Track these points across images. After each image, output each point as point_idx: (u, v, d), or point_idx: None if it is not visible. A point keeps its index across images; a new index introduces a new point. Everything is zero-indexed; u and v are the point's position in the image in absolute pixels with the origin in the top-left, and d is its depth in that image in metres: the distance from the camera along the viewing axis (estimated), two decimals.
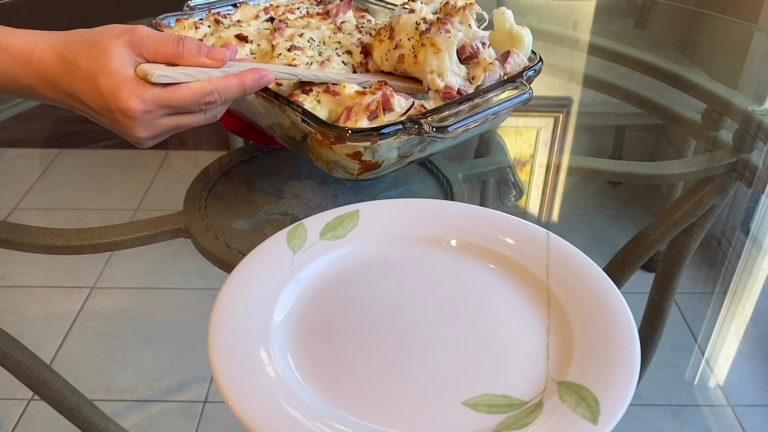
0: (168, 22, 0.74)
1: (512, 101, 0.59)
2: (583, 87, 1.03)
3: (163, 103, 0.51)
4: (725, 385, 0.60)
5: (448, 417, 0.38)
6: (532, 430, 0.36)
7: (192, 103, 0.51)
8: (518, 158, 0.81)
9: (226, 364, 0.40)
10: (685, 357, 0.57)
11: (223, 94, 0.52)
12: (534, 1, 1.45)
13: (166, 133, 0.54)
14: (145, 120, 0.51)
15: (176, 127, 0.54)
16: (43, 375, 0.70)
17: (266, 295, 0.46)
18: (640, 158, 1.01)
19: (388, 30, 0.63)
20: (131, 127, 0.51)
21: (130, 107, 0.49)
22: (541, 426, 0.36)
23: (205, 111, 0.54)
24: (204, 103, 0.52)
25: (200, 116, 0.54)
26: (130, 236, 0.60)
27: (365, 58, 0.65)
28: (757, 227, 0.73)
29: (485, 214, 0.54)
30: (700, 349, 0.58)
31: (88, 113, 0.53)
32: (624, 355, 0.40)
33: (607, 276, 0.47)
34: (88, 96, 0.50)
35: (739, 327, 0.63)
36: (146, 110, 0.50)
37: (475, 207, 0.55)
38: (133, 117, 0.50)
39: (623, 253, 0.68)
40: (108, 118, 0.51)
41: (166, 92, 0.50)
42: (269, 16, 0.74)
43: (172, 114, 0.52)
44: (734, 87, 0.95)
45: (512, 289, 0.48)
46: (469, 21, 0.60)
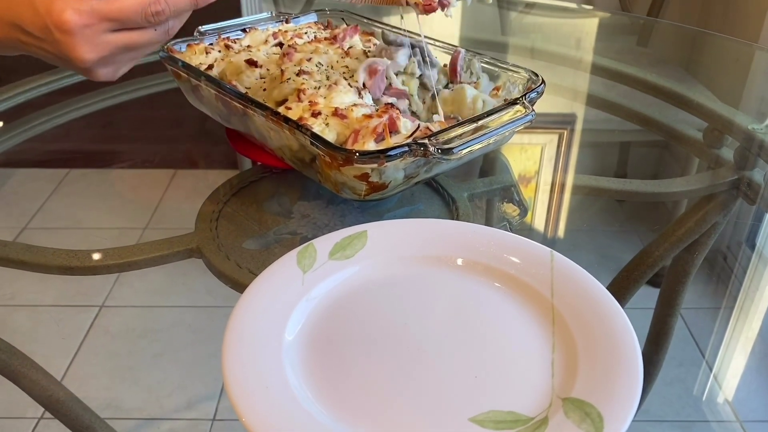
0: (179, 47, 0.75)
1: (515, 123, 0.60)
2: (586, 106, 1.05)
3: (103, 15, 0.46)
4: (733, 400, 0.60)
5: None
6: None
7: (136, 14, 0.46)
8: (523, 175, 0.82)
9: (240, 381, 0.41)
10: (693, 372, 0.57)
11: (172, 3, 0.47)
12: (537, 20, 1.47)
13: (116, 54, 0.49)
14: (86, 36, 0.46)
15: (125, 46, 0.48)
16: (57, 393, 0.71)
17: (278, 314, 0.47)
18: (645, 175, 1.02)
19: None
20: (72, 46, 0.46)
21: (65, 19, 0.45)
22: None
23: (154, 26, 0.48)
24: (151, 14, 0.46)
25: (150, 32, 0.49)
26: (144, 257, 0.62)
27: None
28: (763, 243, 0.74)
29: (490, 234, 0.55)
30: (707, 364, 0.58)
31: (32, 45, 0.48)
32: (627, 371, 0.41)
33: (611, 294, 0.48)
34: (26, 20, 0.46)
35: (746, 342, 0.63)
36: (85, 24, 0.45)
37: (480, 226, 0.56)
38: (70, 32, 0.45)
39: (627, 270, 0.69)
40: (49, 43, 0.46)
41: (105, 2, 0.45)
42: (278, 41, 0.76)
43: (118, 30, 0.47)
44: (736, 105, 0.96)
45: (518, 307, 0.49)
46: None
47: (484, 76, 0.72)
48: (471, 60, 0.73)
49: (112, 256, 0.62)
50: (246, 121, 0.66)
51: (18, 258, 0.63)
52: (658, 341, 0.74)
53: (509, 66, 0.71)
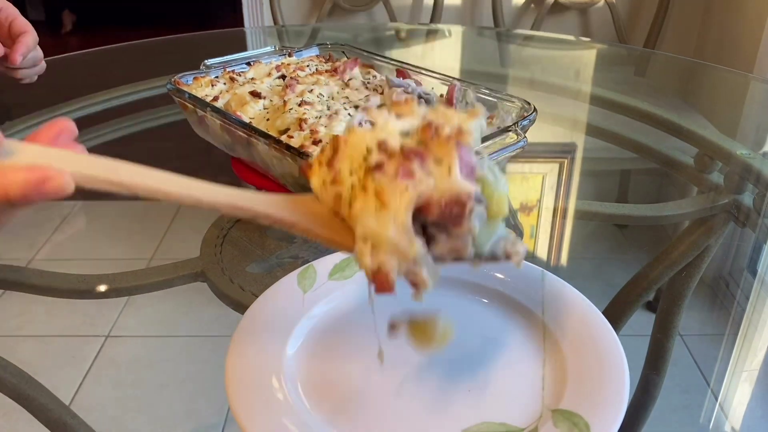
0: (186, 80, 0.78)
1: (508, 149, 0.62)
2: (585, 135, 1.07)
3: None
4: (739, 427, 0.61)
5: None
6: None
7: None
8: (525, 203, 0.84)
9: (242, 395, 0.43)
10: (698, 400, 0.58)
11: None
12: (536, 52, 1.50)
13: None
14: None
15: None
16: (64, 417, 0.72)
17: (279, 330, 0.48)
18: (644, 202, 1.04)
19: (332, 148, 0.41)
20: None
21: None
22: None
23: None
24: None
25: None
26: (150, 281, 0.64)
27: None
28: (765, 269, 0.75)
29: None
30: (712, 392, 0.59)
31: None
32: (614, 383, 0.42)
33: (606, 317, 0.49)
34: None
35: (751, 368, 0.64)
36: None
37: None
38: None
39: (623, 293, 0.70)
40: None
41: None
42: (281, 73, 0.79)
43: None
44: (733, 133, 0.99)
45: (510, 324, 0.50)
46: (453, 163, 0.37)
47: (479, 105, 0.75)
48: (466, 90, 0.75)
49: (120, 280, 0.64)
50: (250, 150, 0.69)
51: (30, 282, 0.65)
52: (656, 365, 0.74)
53: (503, 96, 0.74)
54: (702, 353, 0.69)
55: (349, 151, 0.39)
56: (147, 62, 1.31)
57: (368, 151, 0.38)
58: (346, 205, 0.39)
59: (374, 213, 0.36)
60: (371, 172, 0.37)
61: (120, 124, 1.02)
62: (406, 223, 0.36)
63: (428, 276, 0.37)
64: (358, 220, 0.37)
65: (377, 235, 0.36)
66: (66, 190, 0.35)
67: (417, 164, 0.37)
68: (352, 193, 0.38)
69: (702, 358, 0.67)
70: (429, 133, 0.38)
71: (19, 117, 1.01)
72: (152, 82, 1.11)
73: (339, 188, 0.39)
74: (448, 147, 0.37)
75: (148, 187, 0.37)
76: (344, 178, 0.39)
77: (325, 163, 0.40)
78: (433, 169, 0.37)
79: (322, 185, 0.40)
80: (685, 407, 0.57)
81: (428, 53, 1.43)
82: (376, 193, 0.36)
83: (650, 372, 0.66)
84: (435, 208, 0.37)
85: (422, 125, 0.39)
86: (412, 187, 0.36)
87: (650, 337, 0.74)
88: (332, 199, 0.40)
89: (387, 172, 0.37)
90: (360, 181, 0.38)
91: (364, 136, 0.39)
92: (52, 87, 1.17)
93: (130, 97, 1.11)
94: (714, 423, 0.56)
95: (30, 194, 0.34)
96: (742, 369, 0.62)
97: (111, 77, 1.21)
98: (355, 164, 0.39)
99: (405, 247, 0.36)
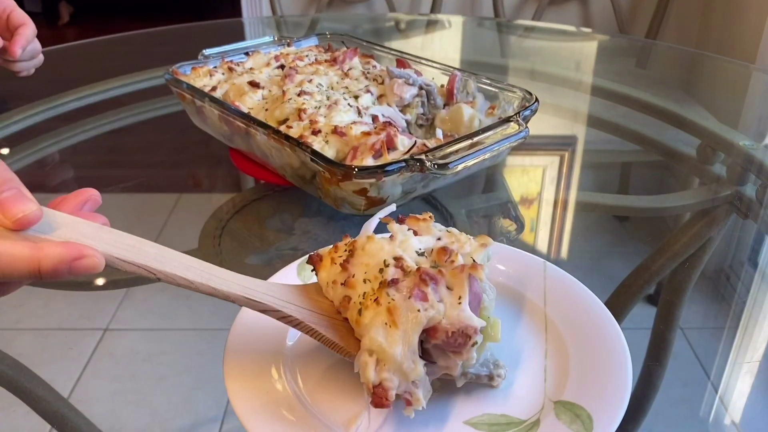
0: (184, 70, 0.78)
1: (509, 139, 0.62)
2: (586, 126, 1.06)
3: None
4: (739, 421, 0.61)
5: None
6: None
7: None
8: (525, 196, 0.83)
9: (241, 386, 0.42)
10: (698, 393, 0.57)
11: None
12: (537, 43, 1.49)
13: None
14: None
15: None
16: (62, 410, 0.72)
17: (277, 323, 0.48)
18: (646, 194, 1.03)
19: (347, 251, 0.44)
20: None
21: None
22: None
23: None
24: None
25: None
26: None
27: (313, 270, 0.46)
28: (766, 262, 0.75)
29: None
30: (712, 385, 0.59)
31: None
32: (617, 374, 0.42)
33: (603, 303, 0.49)
34: None
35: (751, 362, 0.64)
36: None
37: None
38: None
39: (625, 285, 0.70)
40: None
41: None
42: (280, 63, 0.79)
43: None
44: (735, 124, 0.98)
45: (512, 316, 0.50)
46: (464, 295, 0.40)
47: (479, 95, 0.74)
48: (467, 80, 0.75)
49: (117, 272, 0.64)
50: (249, 141, 0.68)
51: None
52: (657, 357, 0.74)
53: (504, 86, 0.73)
54: (702, 347, 0.69)
55: (365, 258, 0.42)
56: (145, 53, 1.30)
57: (385, 264, 0.41)
58: (355, 311, 0.40)
59: (383, 329, 0.38)
60: (386, 287, 0.39)
61: (118, 115, 1.02)
62: (413, 346, 0.38)
63: (422, 396, 0.39)
64: (366, 331, 0.39)
65: (384, 352, 0.38)
66: (97, 269, 0.36)
67: (431, 288, 0.39)
68: (364, 301, 0.40)
69: (702, 352, 0.66)
70: (444, 258, 0.42)
71: (16, 108, 1.01)
72: (150, 72, 1.10)
73: (350, 292, 0.41)
74: (461, 278, 0.40)
75: (167, 273, 0.38)
76: (357, 284, 0.41)
77: (339, 264, 0.43)
78: (444, 296, 0.40)
79: (332, 283, 0.43)
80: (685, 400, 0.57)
81: (428, 44, 1.42)
82: (389, 310, 0.39)
83: (652, 363, 0.66)
84: (441, 334, 0.39)
85: (438, 249, 0.42)
86: (423, 312, 0.38)
87: (652, 329, 0.74)
88: (339, 300, 0.42)
89: (401, 290, 0.39)
90: (373, 291, 0.40)
91: (383, 248, 0.42)
92: (49, 78, 1.16)
93: (127, 88, 1.10)
94: (714, 416, 0.55)
95: (61, 270, 0.35)
96: (743, 362, 0.62)
97: (108, 68, 1.21)
98: (370, 274, 0.41)
99: (409, 368, 0.38)
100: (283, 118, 0.68)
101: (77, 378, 1.09)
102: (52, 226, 0.36)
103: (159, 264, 0.38)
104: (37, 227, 0.35)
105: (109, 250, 0.36)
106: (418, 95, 0.73)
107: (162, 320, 1.26)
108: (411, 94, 0.72)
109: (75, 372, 1.14)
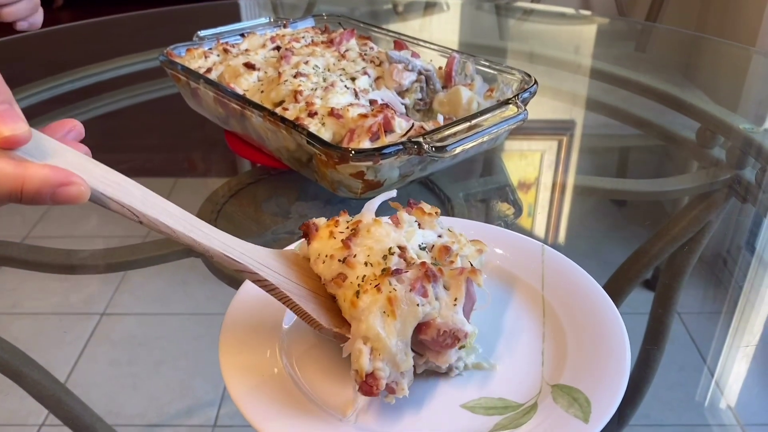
0: (179, 51, 0.77)
1: (508, 122, 0.61)
2: (585, 110, 1.05)
3: None
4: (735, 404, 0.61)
5: (448, 419, 0.40)
6: (527, 429, 0.38)
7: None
8: (523, 181, 0.83)
9: (237, 368, 0.42)
10: (694, 377, 0.57)
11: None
12: (536, 26, 1.48)
13: None
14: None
15: None
16: (59, 394, 0.72)
17: (274, 306, 0.47)
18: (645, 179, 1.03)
19: (350, 229, 0.43)
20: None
21: None
22: (536, 425, 0.38)
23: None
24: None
25: None
26: (144, 256, 0.63)
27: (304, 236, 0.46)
28: (763, 247, 0.74)
29: (483, 229, 0.55)
30: (708, 369, 0.59)
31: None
32: (615, 358, 0.41)
33: (601, 287, 0.48)
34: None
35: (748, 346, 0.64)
36: None
37: (473, 222, 0.57)
38: None
39: (623, 269, 0.69)
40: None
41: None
42: (276, 44, 0.78)
43: None
44: (734, 108, 0.97)
45: (509, 299, 0.50)
46: (460, 297, 0.41)
47: (478, 77, 0.73)
48: (465, 63, 0.74)
49: (112, 255, 0.63)
50: (244, 123, 0.67)
51: (21, 257, 0.64)
52: (655, 341, 0.74)
53: (503, 68, 0.72)
54: (699, 331, 0.69)
55: (370, 241, 0.42)
56: (139, 35, 1.28)
57: (390, 252, 0.41)
58: (351, 291, 0.40)
59: (382, 317, 0.39)
60: (389, 275, 0.40)
61: (112, 97, 1.01)
62: (407, 338, 0.39)
63: (406, 386, 0.40)
64: (363, 316, 0.39)
65: (381, 341, 0.38)
66: (82, 200, 0.34)
67: (431, 285, 0.40)
68: (363, 285, 0.40)
69: (699, 336, 0.66)
70: (445, 257, 0.43)
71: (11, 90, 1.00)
72: (145, 54, 1.09)
73: (348, 271, 0.41)
74: (460, 280, 0.41)
75: (150, 218, 0.37)
76: (357, 265, 0.41)
77: (339, 239, 0.42)
78: (441, 295, 0.41)
79: (327, 257, 0.42)
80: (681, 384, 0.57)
81: (426, 27, 1.41)
82: (389, 299, 0.39)
83: (650, 346, 0.66)
84: (432, 331, 0.40)
85: (440, 247, 0.43)
86: (422, 307, 0.39)
87: (649, 313, 0.74)
88: (332, 275, 0.41)
89: (403, 281, 0.40)
90: (375, 276, 0.40)
91: (389, 234, 0.42)
92: (43, 60, 1.15)
93: (122, 70, 1.09)
94: (710, 400, 0.55)
95: (44, 193, 0.33)
96: (739, 347, 0.62)
97: (103, 50, 1.19)
98: (373, 259, 0.41)
99: (401, 360, 0.39)
100: (279, 100, 0.67)
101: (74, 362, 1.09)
102: (40, 150, 0.35)
103: (143, 207, 0.37)
104: (25, 149, 0.34)
105: (96, 185, 0.35)
106: (417, 80, 0.72)
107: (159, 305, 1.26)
108: (410, 81, 0.71)
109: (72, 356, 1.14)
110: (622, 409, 0.40)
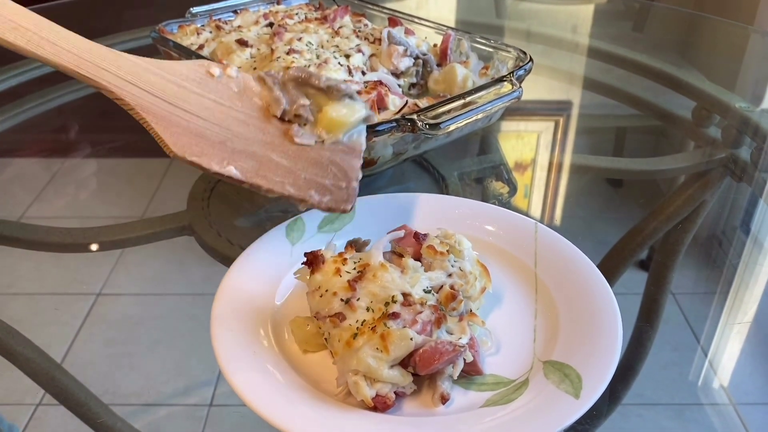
0: (171, 28, 0.76)
1: (503, 99, 0.61)
2: (582, 89, 1.05)
3: None
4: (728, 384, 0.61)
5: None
6: (518, 404, 0.38)
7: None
8: (519, 161, 0.82)
9: (228, 347, 0.42)
10: (688, 356, 0.57)
11: None
12: (533, 6, 1.47)
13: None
14: None
15: None
16: (55, 374, 0.72)
17: (266, 282, 0.47)
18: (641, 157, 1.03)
19: (357, 270, 0.44)
20: None
21: None
22: (527, 401, 0.38)
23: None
24: None
25: None
26: (136, 234, 0.63)
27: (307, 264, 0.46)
28: (758, 227, 0.74)
29: (476, 207, 0.55)
30: (702, 349, 0.59)
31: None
32: (606, 334, 0.41)
33: (593, 263, 0.48)
34: None
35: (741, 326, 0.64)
36: None
37: (467, 200, 0.57)
38: None
39: (617, 248, 0.69)
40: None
41: None
42: (269, 21, 0.77)
43: None
44: (731, 87, 0.97)
45: (502, 276, 0.50)
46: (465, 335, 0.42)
47: (473, 55, 0.73)
48: (460, 40, 0.73)
49: (105, 233, 0.63)
50: None
51: (14, 236, 0.63)
52: (649, 320, 0.74)
53: (498, 45, 0.72)
54: (693, 311, 0.69)
55: (375, 287, 0.42)
56: (131, 12, 1.27)
57: (393, 300, 0.42)
58: (349, 334, 0.40)
59: (372, 353, 0.39)
60: (386, 318, 0.40)
61: None
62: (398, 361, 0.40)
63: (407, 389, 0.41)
64: (356, 356, 0.39)
65: (375, 372, 0.39)
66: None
67: (437, 333, 0.41)
68: (361, 328, 0.40)
69: (693, 316, 0.67)
70: (449, 303, 0.43)
71: (2, 66, 0.99)
72: (136, 32, 1.08)
73: (349, 313, 0.41)
74: (462, 325, 0.42)
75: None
76: (359, 309, 0.41)
77: (345, 279, 0.43)
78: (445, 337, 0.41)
79: (327, 293, 0.42)
80: (675, 364, 0.57)
81: (423, 4, 1.40)
82: (382, 336, 0.39)
83: (643, 324, 0.66)
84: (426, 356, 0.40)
85: (447, 294, 0.43)
86: (414, 341, 0.39)
87: (643, 292, 0.74)
88: (329, 311, 0.42)
89: (399, 321, 0.40)
90: (373, 321, 0.40)
91: (394, 280, 0.42)
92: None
93: (114, 48, 1.08)
94: (703, 379, 0.56)
95: None
96: (732, 327, 0.62)
97: (94, 28, 1.18)
98: (375, 305, 0.41)
99: (398, 379, 0.40)
100: None
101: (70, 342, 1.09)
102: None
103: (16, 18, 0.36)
104: None
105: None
106: (414, 65, 0.71)
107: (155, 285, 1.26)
108: (406, 65, 0.71)
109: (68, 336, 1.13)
110: (614, 387, 0.40)
